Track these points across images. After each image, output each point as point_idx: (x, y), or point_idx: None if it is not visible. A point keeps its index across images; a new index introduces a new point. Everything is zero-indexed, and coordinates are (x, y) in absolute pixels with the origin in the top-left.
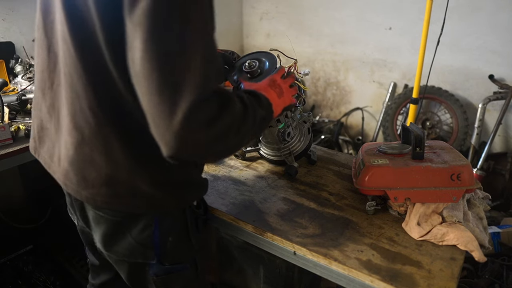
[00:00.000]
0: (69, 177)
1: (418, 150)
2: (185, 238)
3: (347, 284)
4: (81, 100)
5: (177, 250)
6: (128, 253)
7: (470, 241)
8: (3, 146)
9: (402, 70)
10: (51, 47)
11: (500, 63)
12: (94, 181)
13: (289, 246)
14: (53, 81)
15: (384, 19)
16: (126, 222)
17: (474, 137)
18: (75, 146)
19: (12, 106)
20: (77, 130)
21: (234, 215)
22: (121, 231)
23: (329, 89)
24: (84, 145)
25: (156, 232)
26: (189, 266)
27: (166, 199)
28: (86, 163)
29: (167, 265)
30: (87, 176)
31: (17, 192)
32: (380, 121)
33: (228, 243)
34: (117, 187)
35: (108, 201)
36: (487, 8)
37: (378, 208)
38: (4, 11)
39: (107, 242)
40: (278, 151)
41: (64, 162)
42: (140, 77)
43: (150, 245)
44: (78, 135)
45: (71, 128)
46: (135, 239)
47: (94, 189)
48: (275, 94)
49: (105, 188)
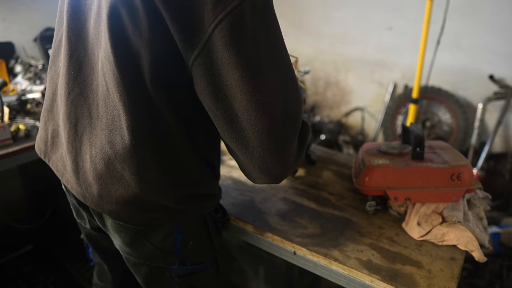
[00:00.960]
0: (90, 191)
1: (418, 150)
2: (207, 241)
3: (347, 284)
4: (122, 119)
5: (198, 251)
6: (149, 258)
7: (470, 241)
8: (3, 146)
9: (402, 70)
10: (75, 55)
11: (500, 63)
12: (119, 198)
13: (289, 246)
14: (72, 89)
15: (384, 19)
16: (147, 230)
17: (474, 137)
18: (105, 162)
19: (12, 106)
20: (112, 147)
21: (234, 215)
22: (141, 239)
23: (329, 89)
24: (116, 162)
25: (178, 238)
26: (210, 265)
27: (188, 211)
28: (114, 179)
29: (189, 265)
30: (112, 193)
31: (17, 192)
32: (380, 121)
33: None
34: (143, 205)
35: (131, 215)
36: (487, 8)
37: (378, 208)
38: (4, 11)
39: (127, 246)
40: None
41: (89, 175)
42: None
43: (172, 251)
44: (112, 152)
45: (105, 144)
46: (155, 246)
47: (118, 205)
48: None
49: (130, 205)
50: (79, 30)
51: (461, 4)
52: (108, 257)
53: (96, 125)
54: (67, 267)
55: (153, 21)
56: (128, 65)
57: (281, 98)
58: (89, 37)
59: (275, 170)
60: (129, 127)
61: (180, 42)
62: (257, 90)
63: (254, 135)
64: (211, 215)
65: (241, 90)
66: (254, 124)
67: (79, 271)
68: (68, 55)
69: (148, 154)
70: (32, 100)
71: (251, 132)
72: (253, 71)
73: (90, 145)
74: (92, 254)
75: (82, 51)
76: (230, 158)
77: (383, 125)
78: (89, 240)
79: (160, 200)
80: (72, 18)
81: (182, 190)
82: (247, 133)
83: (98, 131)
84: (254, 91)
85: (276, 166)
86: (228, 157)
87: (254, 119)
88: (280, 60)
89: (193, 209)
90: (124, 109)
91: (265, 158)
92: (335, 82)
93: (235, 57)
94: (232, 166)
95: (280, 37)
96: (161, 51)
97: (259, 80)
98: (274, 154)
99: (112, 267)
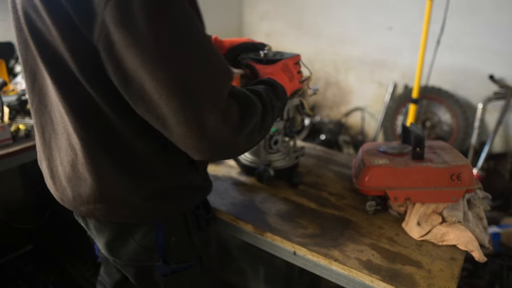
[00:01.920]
0: (66, 193)
1: (418, 150)
2: (187, 238)
3: (347, 284)
4: (67, 123)
5: (180, 249)
6: (134, 258)
7: (470, 241)
8: (3, 146)
9: (402, 70)
10: (27, 65)
11: (500, 63)
12: (89, 198)
13: (289, 246)
14: (33, 100)
15: (384, 19)
16: (128, 228)
17: (474, 137)
18: (71, 165)
19: (12, 106)
20: (72, 149)
21: (234, 215)
22: (124, 237)
23: (329, 89)
24: (78, 164)
25: (159, 235)
26: (194, 263)
27: (163, 208)
28: (80, 181)
29: (173, 265)
30: (82, 194)
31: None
32: (380, 121)
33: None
34: (113, 203)
35: (106, 214)
36: (487, 8)
37: (378, 208)
38: (4, 11)
39: (111, 248)
40: (258, 157)
41: (62, 179)
42: (154, 102)
43: (154, 248)
44: (73, 154)
45: (67, 147)
46: (138, 243)
47: (90, 205)
48: (287, 79)
49: (100, 204)
50: (24, 40)
51: (461, 4)
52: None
53: (57, 130)
54: (67, 267)
55: (55, 15)
56: (56, 65)
57: (190, 76)
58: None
59: (200, 146)
60: (75, 128)
61: (83, 30)
62: (161, 69)
63: (169, 114)
64: (192, 211)
65: (145, 70)
66: (167, 103)
67: (79, 271)
68: (23, 67)
69: (99, 154)
70: None
71: (166, 110)
72: (153, 50)
73: (58, 150)
74: (97, 249)
75: (31, 60)
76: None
77: (383, 125)
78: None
79: (128, 197)
80: (16, 29)
81: (146, 186)
82: (163, 112)
83: (60, 136)
84: (158, 71)
85: (200, 142)
86: None
87: (166, 98)
88: (184, 38)
89: (167, 207)
90: (65, 111)
91: (185, 135)
92: (335, 82)
93: (130, 37)
94: (232, 166)
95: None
96: (73, 43)
97: (160, 59)
98: (193, 131)
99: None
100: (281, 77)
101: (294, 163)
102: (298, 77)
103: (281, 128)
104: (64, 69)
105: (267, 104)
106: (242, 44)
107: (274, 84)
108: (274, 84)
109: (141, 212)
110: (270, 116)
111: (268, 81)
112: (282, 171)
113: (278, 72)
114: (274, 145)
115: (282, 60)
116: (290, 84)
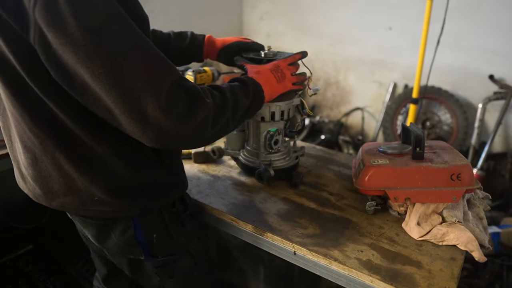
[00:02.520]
0: (37, 192)
1: (418, 150)
2: (168, 234)
3: (347, 284)
4: (22, 124)
5: (164, 244)
6: (119, 251)
7: (470, 241)
8: (3, 146)
9: (402, 70)
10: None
11: (500, 63)
12: (58, 192)
13: (289, 246)
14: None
15: (384, 19)
16: (108, 224)
17: (474, 137)
18: (31, 165)
19: None
20: (28, 151)
21: (234, 215)
22: (106, 232)
23: (329, 89)
24: (39, 163)
25: (138, 232)
26: (184, 255)
27: (130, 205)
28: (46, 178)
29: (160, 258)
30: (51, 189)
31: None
32: (380, 121)
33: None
34: (80, 196)
35: (75, 208)
36: (487, 8)
37: (378, 208)
38: None
39: (99, 241)
40: (258, 157)
41: (29, 179)
42: (97, 95)
43: (134, 244)
44: (31, 155)
45: (23, 149)
46: (119, 239)
47: (60, 198)
48: (275, 79)
49: (70, 197)
50: None
51: (461, 4)
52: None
53: (15, 133)
54: (67, 267)
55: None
56: (5, 69)
57: (125, 68)
58: None
59: (147, 134)
60: (30, 129)
61: (19, 31)
62: (96, 64)
63: (112, 105)
64: (167, 209)
65: (82, 66)
66: (107, 95)
67: (79, 271)
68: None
69: (57, 150)
70: None
71: (108, 102)
72: (85, 47)
73: (20, 152)
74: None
75: None
76: (230, 158)
77: (383, 125)
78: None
79: (91, 191)
80: None
81: (105, 180)
82: (107, 104)
83: (18, 139)
84: (93, 66)
85: (144, 131)
86: (228, 157)
87: (106, 90)
88: (115, 33)
89: (133, 204)
90: (19, 114)
91: (131, 124)
92: (335, 82)
93: (62, 36)
94: (232, 166)
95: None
96: (15, 46)
97: (93, 54)
98: (134, 120)
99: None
100: (267, 77)
101: (294, 163)
102: (292, 78)
103: (282, 128)
104: (12, 72)
105: (228, 100)
106: (234, 43)
107: (247, 82)
108: (247, 82)
109: (107, 208)
110: (229, 112)
111: (241, 79)
112: (282, 171)
113: (265, 72)
114: (274, 145)
115: (275, 61)
116: (279, 85)
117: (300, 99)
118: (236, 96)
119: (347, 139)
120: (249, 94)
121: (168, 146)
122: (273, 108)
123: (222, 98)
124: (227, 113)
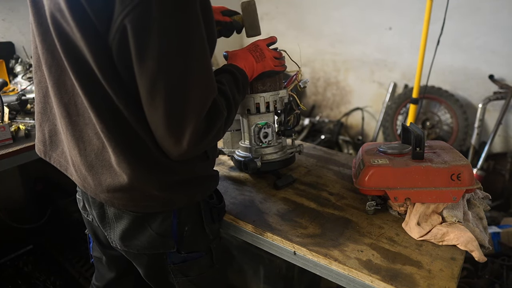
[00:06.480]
0: (88, 181)
1: (418, 150)
2: (200, 227)
3: (347, 284)
4: (91, 118)
5: (193, 239)
6: (148, 246)
7: (470, 241)
8: (3, 146)
9: (402, 70)
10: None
11: (500, 63)
12: (109, 186)
13: (289, 246)
14: (59, 91)
15: (384, 19)
16: (146, 217)
17: (474, 137)
18: (95, 153)
19: (12, 106)
20: (98, 139)
21: (234, 215)
22: (142, 225)
23: (329, 89)
24: (104, 152)
25: (174, 222)
26: (204, 254)
27: (177, 198)
28: (104, 169)
29: (183, 254)
30: (102, 182)
31: (17, 192)
32: (380, 121)
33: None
34: (132, 193)
35: (125, 203)
36: (487, 8)
37: (378, 208)
38: (4, 11)
39: (127, 237)
40: (249, 152)
41: (82, 167)
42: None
43: (169, 234)
44: (99, 142)
45: (92, 135)
46: (155, 231)
47: (109, 193)
48: (253, 59)
49: (120, 193)
50: (49, 42)
51: (461, 4)
52: (108, 249)
53: (82, 120)
54: (67, 267)
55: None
56: (78, 63)
57: (183, 86)
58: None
59: (172, 149)
60: (98, 122)
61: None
62: (160, 78)
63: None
64: (206, 201)
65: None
66: (157, 107)
67: (79, 271)
68: (47, 64)
69: (120, 145)
70: (32, 100)
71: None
72: (157, 61)
73: (82, 139)
74: (92, 249)
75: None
76: (229, 159)
77: (383, 125)
78: (92, 231)
79: (145, 188)
80: (41, 32)
81: (161, 178)
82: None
83: (83, 126)
84: (155, 80)
85: (175, 145)
86: (228, 157)
87: (157, 103)
88: (187, 52)
89: (181, 196)
90: (89, 109)
91: (164, 137)
92: (335, 82)
93: (140, 47)
94: (232, 166)
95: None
96: (93, 43)
97: (160, 69)
98: (171, 136)
99: (110, 260)
100: (246, 57)
101: (284, 158)
102: (274, 60)
103: (271, 122)
104: (86, 68)
105: (231, 105)
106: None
107: (235, 75)
108: (235, 75)
109: (157, 203)
110: (233, 113)
111: (229, 69)
112: (270, 163)
113: (244, 52)
114: (264, 138)
115: (254, 41)
116: (258, 65)
117: (292, 95)
118: (234, 95)
119: (347, 139)
120: (240, 89)
121: (181, 158)
122: (257, 100)
123: (229, 105)
124: (232, 115)
